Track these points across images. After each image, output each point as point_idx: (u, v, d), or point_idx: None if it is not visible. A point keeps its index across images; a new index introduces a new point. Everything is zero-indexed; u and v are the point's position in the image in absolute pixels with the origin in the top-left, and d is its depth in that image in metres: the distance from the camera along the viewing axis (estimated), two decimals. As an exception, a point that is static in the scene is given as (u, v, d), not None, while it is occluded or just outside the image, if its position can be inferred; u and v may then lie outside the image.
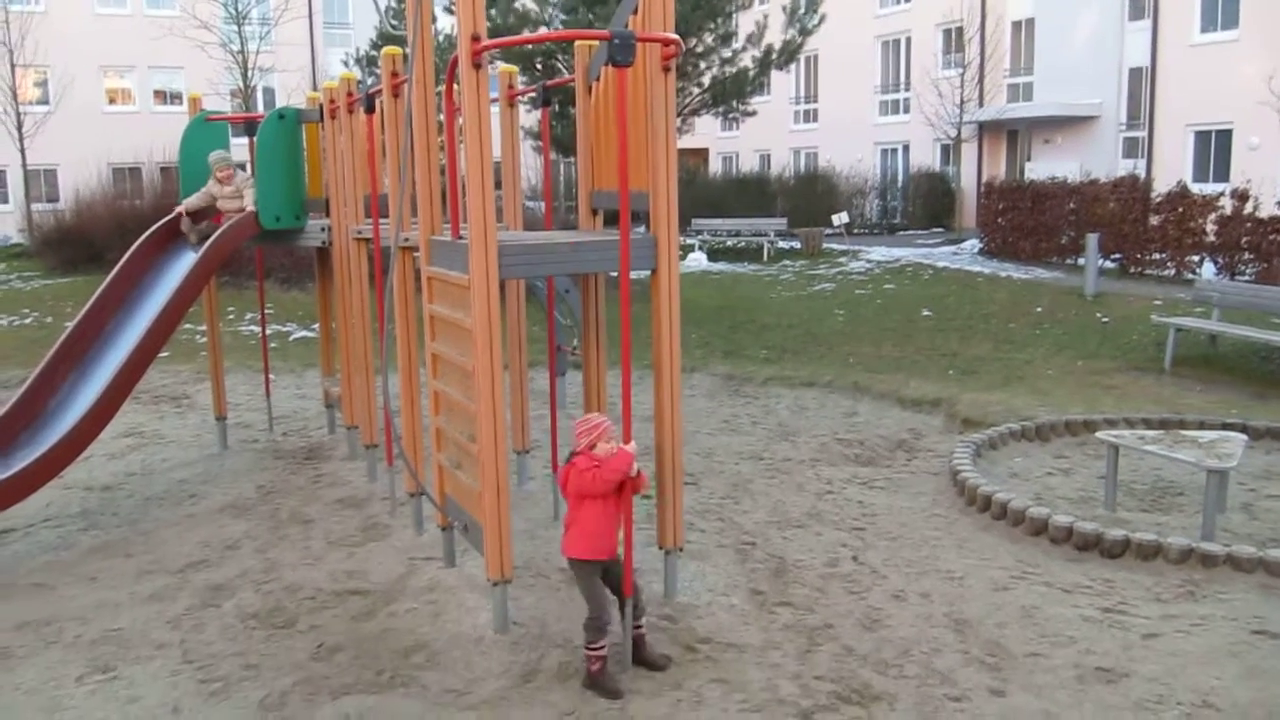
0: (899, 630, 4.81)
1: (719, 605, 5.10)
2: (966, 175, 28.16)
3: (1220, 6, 22.64)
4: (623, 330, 4.43)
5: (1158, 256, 17.56)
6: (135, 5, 33.61)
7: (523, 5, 17.98)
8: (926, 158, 30.16)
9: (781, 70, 20.32)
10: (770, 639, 4.73)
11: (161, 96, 34.57)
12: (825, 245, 23.84)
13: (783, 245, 24.05)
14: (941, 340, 12.73)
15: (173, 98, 34.04)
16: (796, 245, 24.05)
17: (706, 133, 34.47)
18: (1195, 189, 17.70)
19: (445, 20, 18.15)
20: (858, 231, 28.19)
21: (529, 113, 18.33)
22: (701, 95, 19.23)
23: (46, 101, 30.88)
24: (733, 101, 19.54)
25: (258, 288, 9.37)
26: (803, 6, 19.50)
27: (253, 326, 14.12)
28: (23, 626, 5.02)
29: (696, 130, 24.81)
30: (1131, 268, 17.87)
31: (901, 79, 31.49)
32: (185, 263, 7.16)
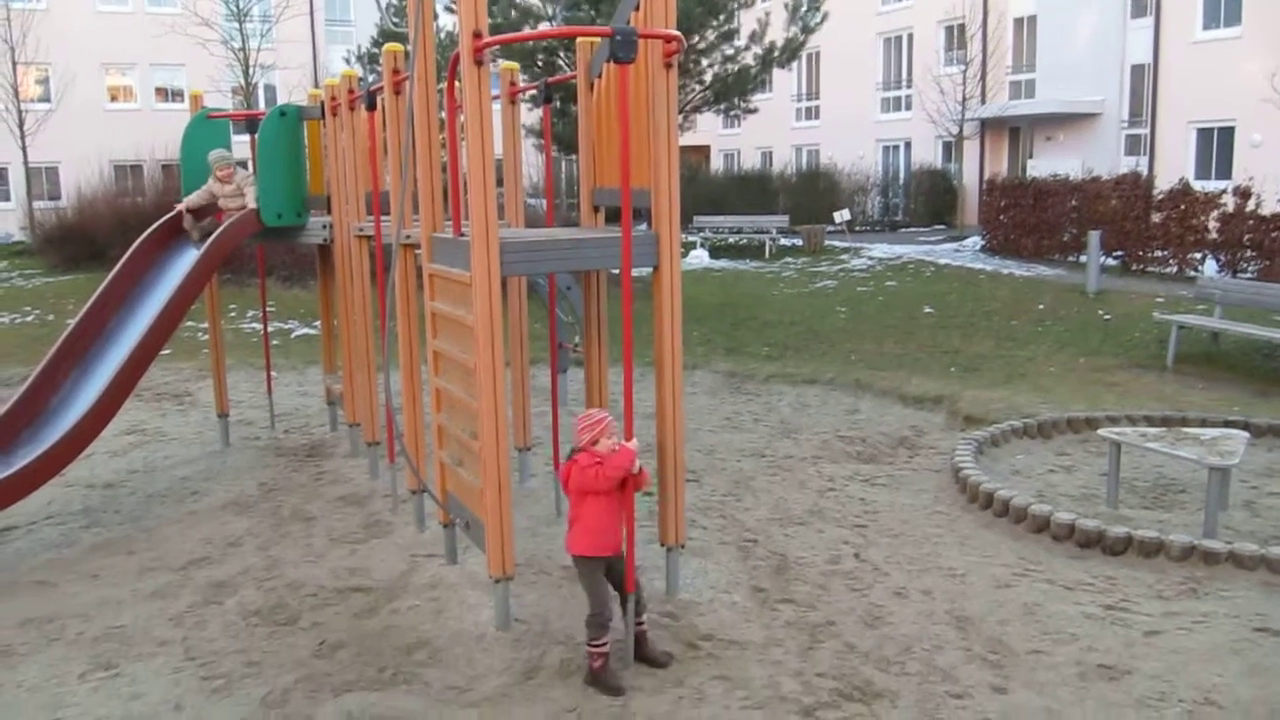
0: (901, 627, 4.81)
1: (721, 602, 5.10)
2: (968, 172, 28.12)
3: (1222, 3, 22.58)
4: (624, 327, 4.43)
5: (1160, 254, 17.56)
6: (137, 3, 33.63)
7: (524, 2, 17.98)
8: (928, 155, 30.12)
9: (783, 68, 20.32)
10: (772, 636, 4.73)
11: (163, 94, 34.62)
12: (827, 242, 23.84)
13: (784, 242, 24.07)
14: (943, 337, 12.73)
15: (174, 95, 34.08)
16: (798, 242, 24.05)
17: (708, 130, 34.43)
18: (1197, 186, 17.69)
19: (446, 18, 18.13)
20: (859, 229, 28.16)
21: (530, 110, 18.35)
22: (703, 92, 19.23)
23: (48, 99, 30.95)
24: (734, 98, 19.55)
25: (259, 285, 9.37)
26: (805, 4, 19.49)
27: (254, 324, 14.14)
28: (25, 624, 5.03)
29: (698, 127, 24.79)
30: (1134, 265, 17.85)
31: (903, 76, 31.45)
32: (187, 260, 7.16)
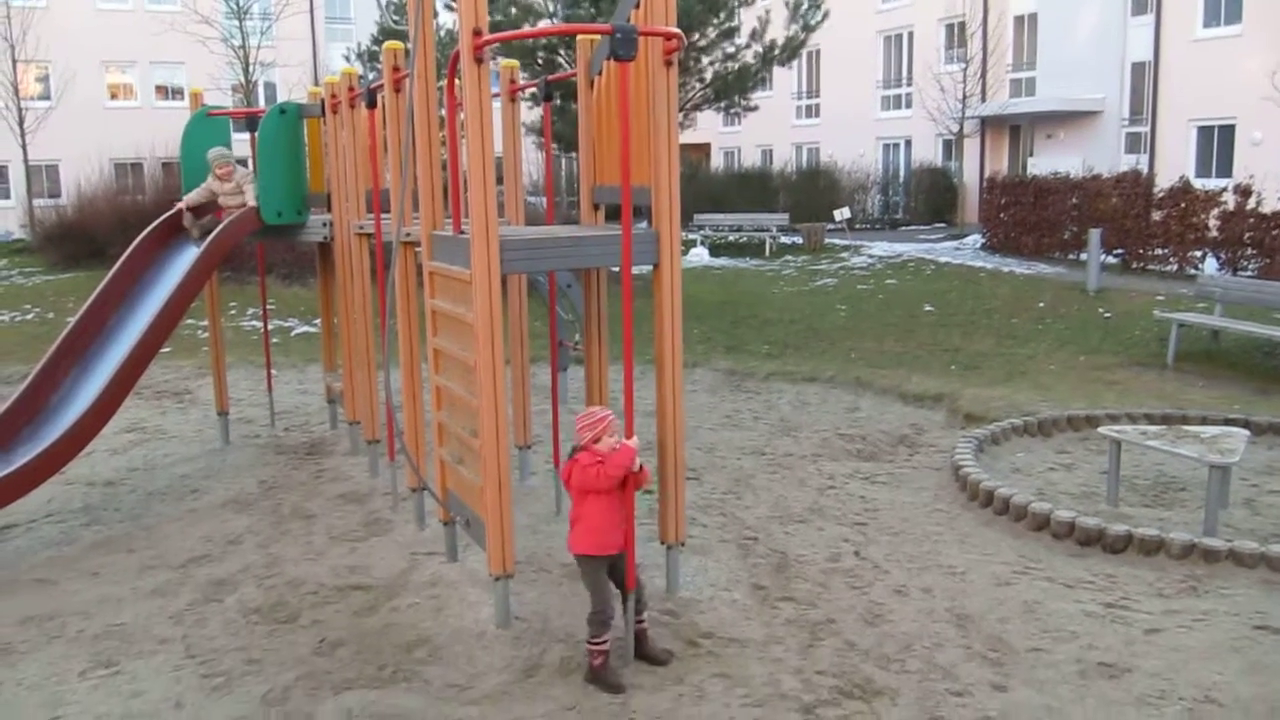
0: (901, 625, 4.81)
1: (721, 600, 5.10)
2: (969, 170, 28.11)
3: (1223, 1, 22.57)
4: (625, 325, 4.42)
5: (1160, 252, 17.55)
6: (137, 1, 33.60)
7: (524, -1, 17.96)
8: (929, 153, 30.11)
9: (784, 66, 20.31)
10: (772, 634, 4.73)
11: (163, 91, 34.63)
12: (827, 240, 23.83)
13: (785, 240, 24.07)
14: (943, 335, 12.73)
15: (174, 93, 34.09)
16: (798, 240, 24.05)
17: (708, 128, 34.41)
18: (1198, 184, 17.67)
19: (446, 15, 18.11)
20: (860, 227, 28.16)
21: (530, 108, 18.34)
22: (703, 90, 19.22)
23: (48, 97, 30.94)
24: (735, 96, 19.54)
25: (259, 283, 9.37)
26: (805, 2, 19.48)
27: (254, 322, 14.13)
28: (25, 621, 5.03)
29: (698, 125, 24.76)
30: (1134, 263, 17.84)
31: (904, 74, 31.43)
32: (187, 258, 7.15)
